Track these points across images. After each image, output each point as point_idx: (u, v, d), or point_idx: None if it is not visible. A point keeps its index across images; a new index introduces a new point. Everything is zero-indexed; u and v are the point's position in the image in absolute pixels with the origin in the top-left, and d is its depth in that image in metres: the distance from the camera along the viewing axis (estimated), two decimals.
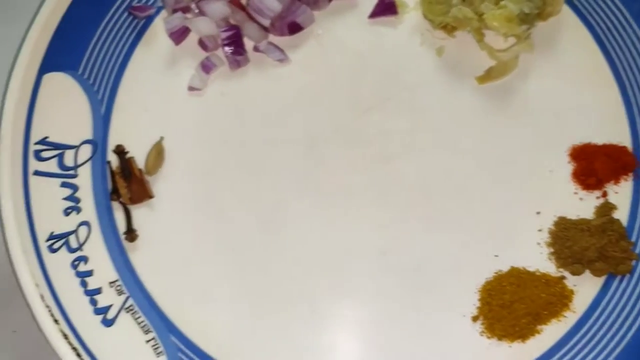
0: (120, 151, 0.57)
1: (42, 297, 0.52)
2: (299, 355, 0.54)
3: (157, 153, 0.57)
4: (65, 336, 0.51)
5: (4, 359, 0.56)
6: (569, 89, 0.59)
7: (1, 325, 0.56)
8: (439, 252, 0.55)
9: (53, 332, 0.51)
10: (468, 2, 0.58)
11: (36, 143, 0.56)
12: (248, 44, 0.60)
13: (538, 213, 0.56)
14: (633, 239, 0.55)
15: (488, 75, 0.59)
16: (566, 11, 0.60)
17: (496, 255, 0.55)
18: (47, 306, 0.52)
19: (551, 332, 0.53)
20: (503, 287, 0.53)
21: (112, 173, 0.56)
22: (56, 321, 0.51)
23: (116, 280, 0.54)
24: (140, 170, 0.56)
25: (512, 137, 0.58)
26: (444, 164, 0.57)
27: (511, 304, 0.53)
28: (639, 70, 0.58)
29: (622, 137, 0.57)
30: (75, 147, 0.56)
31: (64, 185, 0.55)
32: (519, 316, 0.52)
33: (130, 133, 0.58)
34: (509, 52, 0.59)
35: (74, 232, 0.55)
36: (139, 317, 0.53)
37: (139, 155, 0.57)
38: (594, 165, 0.56)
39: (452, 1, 0.59)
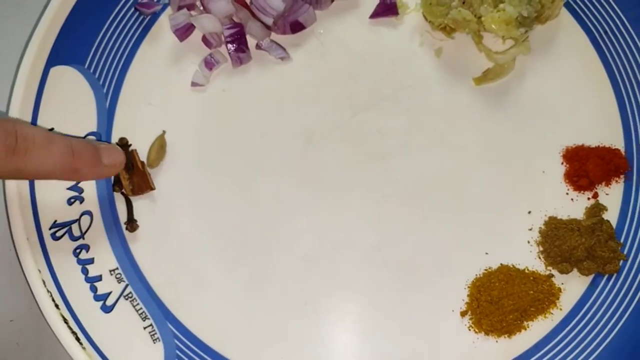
0: (123, 144, 0.58)
1: (44, 282, 0.53)
2: (292, 345, 0.55)
3: (160, 146, 0.59)
4: (65, 320, 0.53)
5: (2, 348, 0.58)
6: (565, 91, 0.60)
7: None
8: (431, 249, 0.56)
9: (54, 317, 0.53)
10: (467, 4, 0.59)
11: None
12: (251, 41, 0.61)
13: (529, 212, 0.57)
14: (622, 239, 0.55)
15: (485, 77, 0.60)
16: (564, 14, 0.61)
17: (487, 253, 0.56)
18: (49, 291, 0.53)
19: (538, 328, 0.54)
20: (492, 283, 0.54)
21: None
22: (57, 306, 0.53)
23: (116, 269, 0.56)
24: (142, 162, 0.58)
25: (507, 137, 0.59)
26: (438, 162, 0.58)
27: (499, 300, 0.54)
28: (635, 74, 0.59)
29: (615, 139, 0.58)
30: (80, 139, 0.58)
31: None
32: (506, 312, 0.53)
33: (134, 126, 0.59)
34: (506, 54, 0.60)
35: (77, 221, 0.56)
36: (137, 305, 0.55)
37: (141, 148, 0.58)
38: (586, 166, 0.57)
39: (452, 3, 0.60)
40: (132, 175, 0.57)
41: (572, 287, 0.55)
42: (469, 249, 0.56)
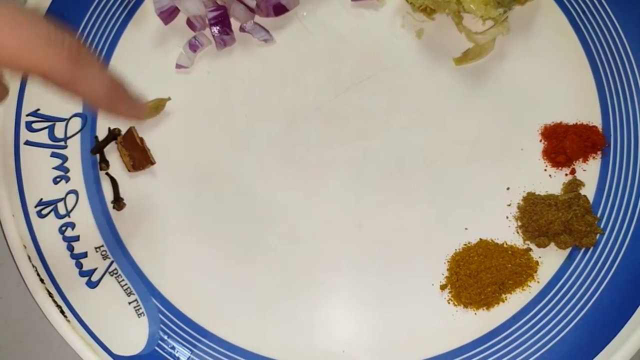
0: (116, 133, 0.59)
1: (29, 257, 0.54)
2: (276, 319, 0.56)
3: (155, 107, 0.60)
4: (50, 295, 0.54)
5: None
6: (543, 70, 0.60)
7: None
8: (412, 225, 0.57)
9: (39, 291, 0.54)
10: None
11: (28, 115, 0.58)
12: (234, 24, 0.62)
13: (508, 189, 0.58)
14: (599, 214, 0.56)
15: (465, 57, 0.61)
16: None
17: (466, 228, 0.57)
18: (34, 266, 0.54)
19: (515, 300, 0.55)
20: (471, 257, 0.55)
21: (100, 146, 0.59)
22: (42, 280, 0.54)
23: (101, 246, 0.57)
24: (141, 138, 0.59)
25: (487, 116, 0.60)
26: (419, 141, 0.59)
27: (477, 274, 0.54)
28: (612, 53, 0.60)
29: (592, 117, 0.59)
30: (66, 120, 0.59)
31: (53, 155, 0.58)
32: (484, 285, 0.54)
33: None
34: (485, 34, 0.61)
35: (62, 199, 0.57)
36: (122, 281, 0.56)
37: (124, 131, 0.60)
38: (564, 143, 0.58)
39: None
40: (133, 152, 0.58)
41: (549, 260, 0.56)
42: (448, 225, 0.57)
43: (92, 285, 0.56)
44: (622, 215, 0.56)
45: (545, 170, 0.58)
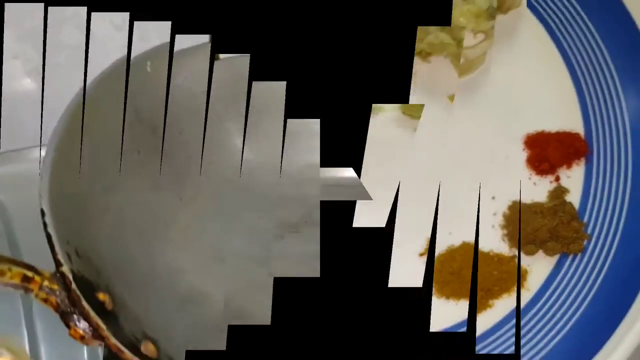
0: None
1: None
2: None
3: None
4: None
5: None
6: (526, 79, 0.60)
7: None
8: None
9: None
10: (447, 29, 0.59)
11: None
12: None
13: (493, 198, 0.57)
14: (585, 219, 0.56)
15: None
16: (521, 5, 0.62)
17: (450, 233, 0.56)
18: None
19: (503, 306, 0.54)
20: (453, 257, 0.54)
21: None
22: None
23: None
24: None
25: (470, 125, 0.59)
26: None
27: (460, 270, 0.54)
28: (591, 61, 0.60)
29: (574, 124, 0.59)
30: None
31: None
32: (467, 281, 0.53)
33: None
34: (476, 49, 0.60)
35: None
36: None
37: None
38: (547, 151, 0.58)
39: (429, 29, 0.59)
40: None
41: (538, 268, 0.55)
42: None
43: None
44: (608, 220, 0.55)
45: (530, 178, 0.58)
